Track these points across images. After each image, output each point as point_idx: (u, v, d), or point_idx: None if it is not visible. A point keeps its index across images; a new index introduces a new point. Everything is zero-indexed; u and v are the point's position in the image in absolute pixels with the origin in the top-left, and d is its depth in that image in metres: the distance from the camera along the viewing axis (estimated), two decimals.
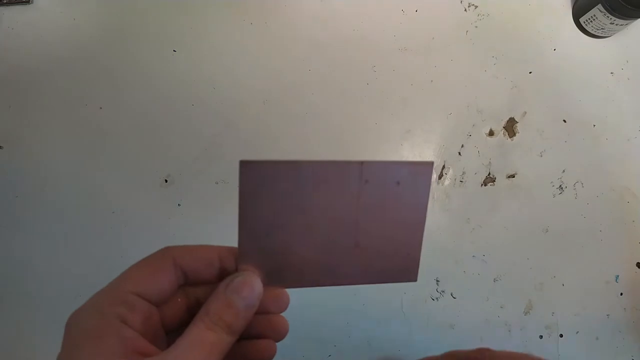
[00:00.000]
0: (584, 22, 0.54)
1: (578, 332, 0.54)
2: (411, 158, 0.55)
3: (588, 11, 0.53)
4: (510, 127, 0.55)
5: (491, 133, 0.55)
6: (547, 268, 0.54)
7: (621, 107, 0.56)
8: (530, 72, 0.56)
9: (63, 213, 0.53)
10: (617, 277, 0.54)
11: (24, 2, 0.54)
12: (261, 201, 0.24)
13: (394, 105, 0.55)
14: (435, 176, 0.55)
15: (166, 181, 0.53)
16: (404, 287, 0.53)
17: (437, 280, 0.53)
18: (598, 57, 0.56)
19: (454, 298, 0.53)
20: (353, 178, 0.24)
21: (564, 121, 0.55)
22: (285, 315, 0.28)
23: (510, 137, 0.55)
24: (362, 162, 0.25)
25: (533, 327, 0.54)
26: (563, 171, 0.55)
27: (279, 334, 0.27)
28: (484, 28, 0.56)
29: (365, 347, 0.52)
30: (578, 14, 0.55)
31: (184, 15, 0.55)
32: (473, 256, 0.54)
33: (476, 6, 0.56)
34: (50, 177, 0.53)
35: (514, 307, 0.54)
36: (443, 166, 0.55)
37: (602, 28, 0.53)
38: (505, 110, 0.55)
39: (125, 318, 0.22)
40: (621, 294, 0.54)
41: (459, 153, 0.55)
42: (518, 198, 0.55)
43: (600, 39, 0.56)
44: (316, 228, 0.25)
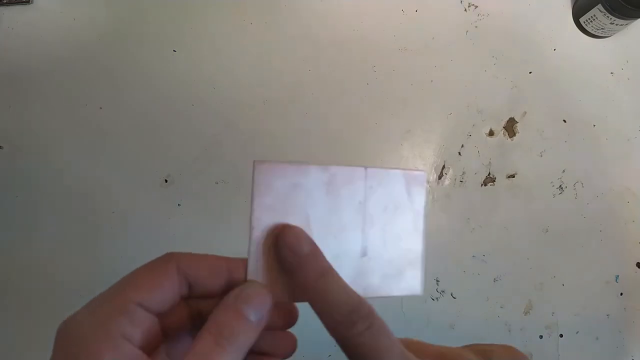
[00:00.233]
0: (584, 22, 0.54)
1: (578, 332, 0.54)
2: (411, 158, 0.55)
3: (588, 11, 0.53)
4: (510, 127, 0.55)
5: (491, 133, 0.55)
6: (547, 268, 0.54)
7: (621, 107, 0.56)
8: (530, 72, 0.56)
9: (63, 213, 0.53)
10: (617, 277, 0.54)
11: (24, 2, 0.54)
12: (273, 206, 0.23)
13: (394, 105, 0.55)
14: (435, 176, 0.55)
15: (166, 181, 0.53)
16: None
17: (437, 280, 0.53)
18: (598, 57, 0.56)
19: (454, 298, 0.53)
20: (359, 183, 0.24)
21: (564, 121, 0.55)
22: None
23: (510, 137, 0.55)
24: (366, 167, 0.24)
25: (533, 327, 0.54)
26: (563, 171, 0.55)
27: (286, 352, 0.25)
28: (484, 28, 0.56)
29: None
30: (578, 14, 0.55)
31: (184, 15, 0.55)
32: (473, 256, 0.54)
33: (476, 6, 0.56)
34: (50, 177, 0.53)
35: (514, 307, 0.54)
36: (443, 166, 0.55)
37: (602, 28, 0.53)
38: (505, 110, 0.55)
39: (125, 332, 0.21)
40: (621, 294, 0.54)
41: (459, 153, 0.55)
42: (518, 198, 0.55)
43: (600, 39, 0.56)
44: (325, 236, 0.24)
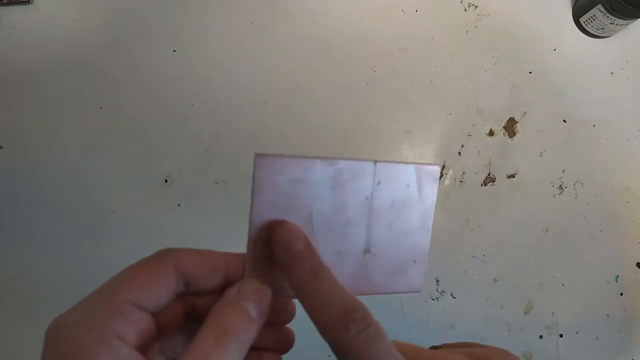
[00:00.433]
0: (584, 22, 0.54)
1: (578, 332, 0.54)
2: (411, 158, 0.55)
3: (588, 11, 0.53)
4: (510, 127, 0.55)
5: (491, 133, 0.55)
6: (547, 268, 0.54)
7: (621, 107, 0.56)
8: (530, 72, 0.56)
9: (63, 213, 0.53)
10: (617, 277, 0.54)
11: (24, 2, 0.54)
12: (274, 201, 0.22)
13: (394, 105, 0.55)
14: None
15: (166, 181, 0.53)
16: None
17: (437, 280, 0.53)
18: (598, 57, 0.56)
19: (454, 298, 0.53)
20: (367, 178, 0.23)
21: (564, 121, 0.55)
22: None
23: (510, 137, 0.55)
24: (376, 162, 0.23)
25: (533, 327, 0.54)
26: (563, 171, 0.55)
27: (285, 346, 0.25)
28: (484, 28, 0.56)
29: None
30: (578, 14, 0.55)
31: (184, 15, 0.55)
32: (473, 256, 0.54)
33: (476, 6, 0.56)
34: (50, 177, 0.53)
35: (514, 307, 0.54)
36: (443, 166, 0.55)
37: (602, 28, 0.53)
38: (505, 110, 0.55)
39: (119, 333, 0.20)
40: (621, 294, 0.54)
41: (459, 153, 0.55)
42: (518, 198, 0.55)
43: (600, 39, 0.56)
44: (327, 232, 0.23)
